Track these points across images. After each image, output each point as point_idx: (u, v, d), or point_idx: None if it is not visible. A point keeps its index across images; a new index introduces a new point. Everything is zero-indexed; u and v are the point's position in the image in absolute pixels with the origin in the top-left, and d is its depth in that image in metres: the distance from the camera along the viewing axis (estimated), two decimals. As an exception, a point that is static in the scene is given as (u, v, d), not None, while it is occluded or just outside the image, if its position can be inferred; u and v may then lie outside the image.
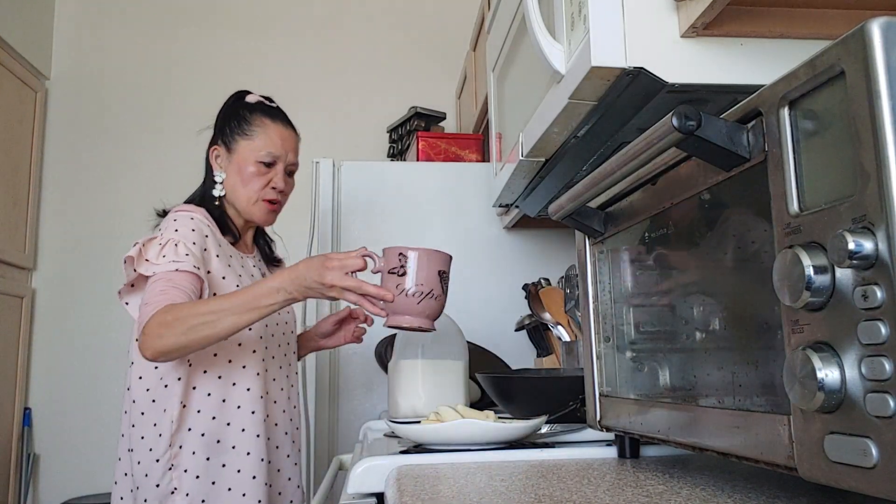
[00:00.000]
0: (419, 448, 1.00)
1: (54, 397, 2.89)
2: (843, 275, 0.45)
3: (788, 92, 0.51)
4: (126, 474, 1.32)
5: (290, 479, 1.43)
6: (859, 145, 0.44)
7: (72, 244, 2.99)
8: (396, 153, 2.56)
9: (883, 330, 0.42)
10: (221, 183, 1.45)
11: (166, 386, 1.30)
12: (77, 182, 3.04)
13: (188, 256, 1.28)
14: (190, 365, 1.31)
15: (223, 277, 1.37)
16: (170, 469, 1.27)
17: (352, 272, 1.15)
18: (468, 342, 1.51)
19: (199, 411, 1.30)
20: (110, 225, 3.01)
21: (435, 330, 1.19)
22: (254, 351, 1.37)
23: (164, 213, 1.45)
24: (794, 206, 0.50)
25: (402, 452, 0.95)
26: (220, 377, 1.33)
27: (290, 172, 1.49)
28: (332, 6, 3.31)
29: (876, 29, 0.43)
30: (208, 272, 1.34)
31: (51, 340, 2.92)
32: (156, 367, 1.30)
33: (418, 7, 3.34)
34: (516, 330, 1.82)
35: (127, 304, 1.33)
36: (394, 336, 1.55)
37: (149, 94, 3.14)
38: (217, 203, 1.46)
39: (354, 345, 1.58)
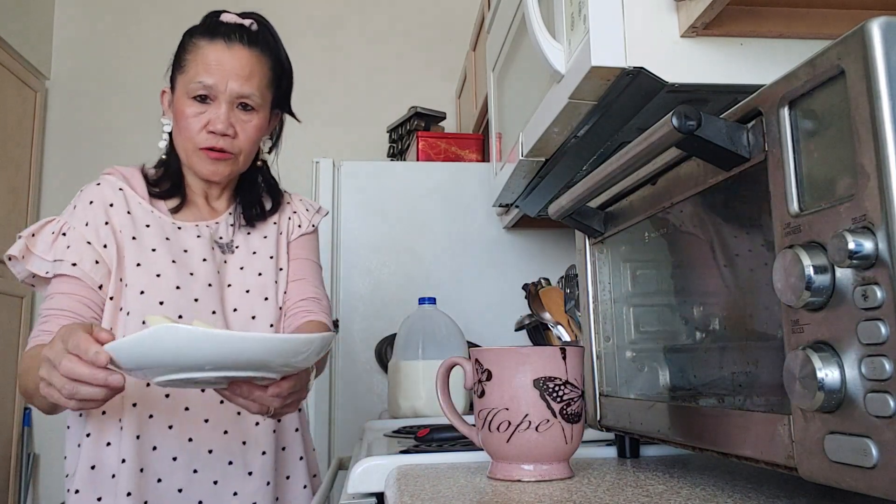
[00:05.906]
0: (419, 448, 1.00)
1: (54, 397, 2.88)
2: (843, 275, 0.45)
3: (788, 92, 0.51)
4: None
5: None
6: (859, 145, 0.44)
7: (72, 244, 2.99)
8: (396, 153, 2.56)
9: (883, 330, 0.42)
10: (170, 133, 1.21)
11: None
12: (77, 182, 3.01)
13: (69, 250, 1.08)
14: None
15: (153, 249, 1.13)
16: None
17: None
18: (468, 342, 1.51)
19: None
20: (110, 225, 3.01)
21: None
22: None
23: None
24: (794, 206, 0.50)
25: (402, 452, 0.95)
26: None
27: (243, 106, 1.13)
28: (333, 7, 3.31)
29: (876, 29, 0.43)
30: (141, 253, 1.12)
31: (51, 340, 2.92)
32: None
33: (418, 7, 3.34)
34: (516, 330, 1.82)
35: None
36: (394, 336, 1.55)
37: (149, 93, 3.13)
38: (164, 157, 1.22)
39: (353, 345, 1.57)
